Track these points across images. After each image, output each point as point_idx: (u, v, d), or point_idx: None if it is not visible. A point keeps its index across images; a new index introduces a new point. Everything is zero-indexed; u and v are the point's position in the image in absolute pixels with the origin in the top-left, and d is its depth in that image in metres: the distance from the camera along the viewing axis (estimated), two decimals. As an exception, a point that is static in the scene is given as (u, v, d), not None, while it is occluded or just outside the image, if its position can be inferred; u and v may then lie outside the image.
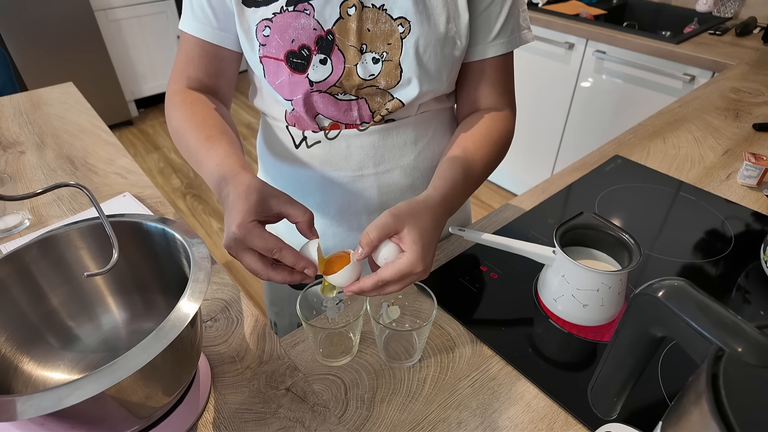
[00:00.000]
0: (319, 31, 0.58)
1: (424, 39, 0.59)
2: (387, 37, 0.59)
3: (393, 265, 0.50)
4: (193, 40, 0.65)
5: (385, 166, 0.69)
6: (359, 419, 0.53)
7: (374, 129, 0.66)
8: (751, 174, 0.89)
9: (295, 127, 0.68)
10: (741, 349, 0.28)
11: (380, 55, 0.60)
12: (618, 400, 0.42)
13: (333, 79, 0.61)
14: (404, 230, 0.50)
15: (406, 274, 0.50)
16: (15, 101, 1.20)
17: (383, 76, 0.61)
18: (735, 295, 0.67)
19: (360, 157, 0.67)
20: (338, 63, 0.60)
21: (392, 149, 0.68)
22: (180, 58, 0.68)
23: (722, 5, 1.93)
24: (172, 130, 0.66)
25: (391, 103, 0.64)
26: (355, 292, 0.51)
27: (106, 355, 0.54)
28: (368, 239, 0.50)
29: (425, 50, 0.60)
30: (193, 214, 2.41)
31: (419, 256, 0.50)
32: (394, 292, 0.52)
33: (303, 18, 0.58)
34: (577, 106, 1.97)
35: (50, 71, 2.68)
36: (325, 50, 0.59)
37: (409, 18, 0.58)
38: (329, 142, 0.67)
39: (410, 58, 0.60)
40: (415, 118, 0.68)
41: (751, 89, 1.30)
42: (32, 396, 0.34)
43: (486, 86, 0.68)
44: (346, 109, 0.64)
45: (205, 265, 0.46)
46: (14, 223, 0.78)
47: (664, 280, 0.34)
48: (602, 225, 0.62)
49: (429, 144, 0.71)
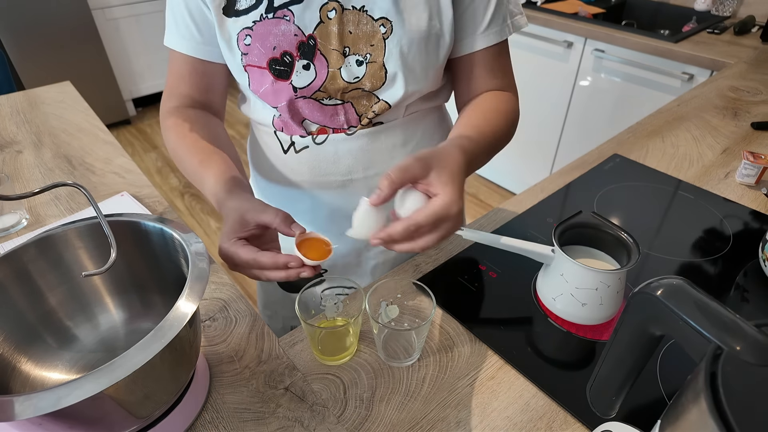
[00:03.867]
0: (300, 37, 0.58)
1: (407, 38, 0.59)
2: (369, 39, 0.59)
3: (427, 208, 0.45)
4: (182, 58, 0.65)
5: (375, 170, 0.69)
6: (358, 419, 0.53)
7: (362, 133, 0.66)
8: (750, 173, 0.89)
9: (282, 132, 0.67)
10: (739, 348, 0.28)
11: (364, 57, 0.59)
12: (617, 398, 0.43)
13: (317, 84, 0.60)
14: (431, 174, 0.46)
15: (442, 217, 0.45)
16: (12, 100, 1.20)
17: (368, 78, 0.61)
18: (733, 294, 0.67)
19: (349, 162, 0.67)
20: (321, 67, 0.60)
21: (381, 152, 0.68)
22: (171, 76, 0.68)
23: (720, 4, 1.93)
24: (171, 153, 0.67)
25: (378, 106, 0.63)
26: (384, 240, 0.46)
27: (105, 355, 0.54)
28: (390, 179, 0.45)
29: (409, 50, 0.59)
30: (191, 214, 2.41)
31: (454, 198, 0.45)
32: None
33: (283, 24, 0.58)
34: (576, 104, 1.97)
35: (47, 70, 2.67)
36: (307, 55, 0.59)
37: (390, 18, 0.58)
38: (317, 147, 0.66)
39: (394, 58, 0.59)
40: (403, 120, 0.68)
41: (749, 88, 1.30)
42: (30, 396, 0.34)
43: (483, 75, 0.68)
44: (332, 114, 0.64)
45: (203, 264, 0.46)
46: (11, 223, 0.78)
47: (662, 279, 0.34)
48: (601, 224, 0.62)
49: (418, 145, 0.71)
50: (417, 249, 0.47)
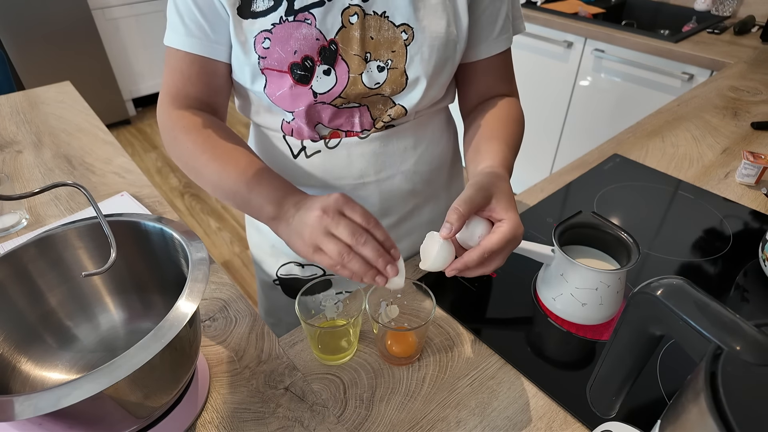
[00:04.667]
0: (321, 41, 0.57)
1: (428, 45, 0.59)
2: (391, 45, 0.58)
3: (497, 234, 0.48)
4: (189, 58, 0.61)
5: (387, 173, 0.68)
6: (358, 418, 0.53)
7: (375, 136, 0.65)
8: (750, 172, 0.89)
9: (292, 136, 0.66)
10: (739, 348, 0.28)
11: (385, 63, 0.59)
12: (617, 398, 0.43)
13: (338, 89, 0.59)
14: (492, 201, 0.49)
15: (511, 240, 0.48)
16: (12, 100, 1.20)
17: (389, 84, 0.60)
18: (733, 294, 0.67)
19: (361, 165, 0.67)
20: (342, 73, 0.59)
21: (393, 155, 0.67)
22: (173, 78, 0.62)
23: (720, 4, 1.93)
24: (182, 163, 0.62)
25: (394, 110, 0.63)
26: (460, 270, 0.49)
27: (105, 355, 0.54)
28: (459, 213, 0.47)
29: (430, 56, 0.59)
30: (191, 214, 2.41)
31: (518, 221, 0.48)
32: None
33: (304, 28, 0.56)
34: (576, 104, 1.97)
35: (47, 70, 2.67)
36: (328, 60, 0.58)
37: (411, 25, 0.58)
38: (329, 151, 0.66)
39: (416, 64, 0.59)
40: (413, 123, 0.67)
41: (749, 88, 1.30)
42: (30, 396, 0.34)
43: (493, 80, 0.69)
44: (347, 116, 0.63)
45: (203, 264, 0.46)
46: (12, 223, 0.78)
47: (662, 279, 0.34)
48: (601, 224, 0.62)
49: (428, 147, 0.71)
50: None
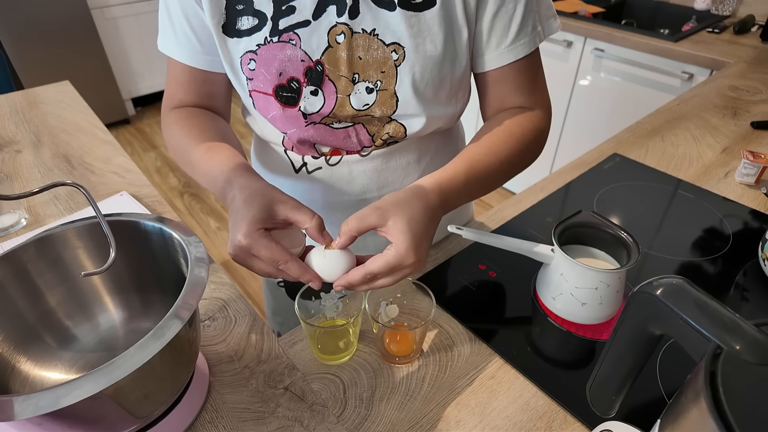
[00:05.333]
0: (307, 62, 0.55)
1: (420, 65, 0.55)
2: (380, 65, 0.55)
3: (381, 257, 0.47)
4: (180, 66, 0.61)
5: (389, 189, 0.67)
6: (358, 418, 0.53)
7: (376, 153, 0.64)
8: (749, 172, 0.89)
9: (293, 151, 0.65)
10: (739, 347, 0.28)
11: (374, 84, 0.56)
12: (616, 398, 0.43)
13: (326, 110, 0.58)
14: (389, 222, 0.47)
15: (396, 267, 0.47)
16: (11, 100, 1.20)
17: (378, 106, 0.58)
18: (733, 293, 0.67)
19: (363, 182, 0.66)
20: (330, 94, 0.57)
21: (395, 171, 0.66)
22: (170, 83, 0.64)
23: (720, 3, 1.93)
24: (173, 149, 0.63)
25: (392, 127, 0.61)
26: (344, 286, 0.48)
27: (104, 355, 0.54)
28: (347, 227, 0.48)
29: (422, 77, 0.56)
30: (190, 213, 2.41)
31: (409, 247, 0.46)
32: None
33: (289, 49, 0.54)
34: (576, 104, 1.97)
35: (47, 69, 2.67)
36: (315, 82, 0.56)
37: (403, 44, 0.54)
38: (331, 168, 0.65)
39: (406, 86, 0.56)
40: (416, 138, 0.65)
41: (749, 87, 1.30)
42: (30, 396, 0.34)
43: (507, 91, 0.63)
44: (344, 137, 0.61)
45: (202, 264, 0.46)
46: (11, 223, 0.78)
47: (662, 278, 0.34)
48: (601, 223, 0.62)
49: (432, 161, 0.69)
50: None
